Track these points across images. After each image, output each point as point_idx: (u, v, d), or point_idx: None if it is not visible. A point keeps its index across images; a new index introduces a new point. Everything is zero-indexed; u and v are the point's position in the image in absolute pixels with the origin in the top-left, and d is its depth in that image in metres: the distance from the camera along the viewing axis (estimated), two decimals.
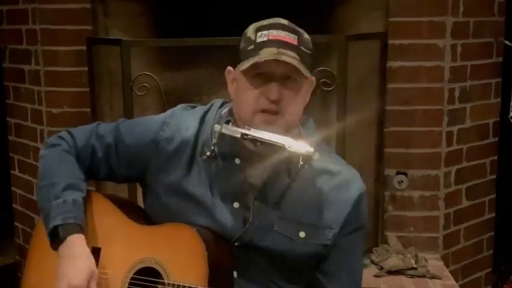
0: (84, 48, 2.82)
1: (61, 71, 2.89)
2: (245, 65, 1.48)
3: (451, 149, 2.83)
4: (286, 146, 1.45)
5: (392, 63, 2.75)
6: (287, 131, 1.51)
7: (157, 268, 1.52)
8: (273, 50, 1.46)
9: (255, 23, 1.55)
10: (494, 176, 3.07)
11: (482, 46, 2.87)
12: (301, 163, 1.51)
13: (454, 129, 2.83)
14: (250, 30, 1.53)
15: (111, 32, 2.92)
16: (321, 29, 2.78)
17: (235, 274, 1.56)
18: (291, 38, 1.49)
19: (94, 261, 1.55)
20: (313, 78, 1.59)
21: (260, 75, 1.49)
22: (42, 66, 2.92)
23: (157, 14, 2.95)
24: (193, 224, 1.55)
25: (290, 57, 1.46)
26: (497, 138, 3.05)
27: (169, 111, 1.69)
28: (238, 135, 1.48)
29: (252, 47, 1.49)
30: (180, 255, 1.50)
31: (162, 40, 2.84)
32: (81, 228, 1.56)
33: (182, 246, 1.51)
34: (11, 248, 3.52)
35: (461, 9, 2.74)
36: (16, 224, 3.34)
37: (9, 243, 3.52)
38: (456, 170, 2.87)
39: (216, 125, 1.54)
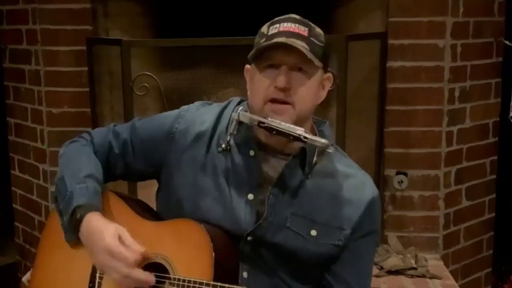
0: (84, 48, 2.82)
1: (61, 71, 2.89)
2: (252, 52, 1.51)
3: (451, 149, 2.83)
4: (302, 137, 1.47)
5: (392, 63, 2.75)
6: (298, 124, 1.51)
7: (164, 263, 1.52)
8: (282, 39, 1.49)
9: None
10: (494, 176, 3.08)
11: (482, 46, 2.88)
12: (316, 158, 1.54)
13: (454, 129, 2.83)
14: (264, 26, 1.57)
15: (111, 32, 2.92)
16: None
17: (244, 271, 1.56)
18: (301, 30, 1.52)
19: (117, 224, 1.51)
20: (330, 75, 1.60)
21: (271, 67, 1.51)
22: (42, 66, 2.92)
23: (157, 14, 2.95)
24: (206, 218, 1.55)
25: (298, 45, 1.48)
26: (497, 138, 3.05)
27: (185, 106, 1.71)
28: (255, 123, 1.50)
29: (264, 39, 1.52)
30: (187, 251, 1.51)
31: (162, 40, 2.84)
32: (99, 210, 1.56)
33: (189, 242, 1.51)
34: (11, 248, 3.52)
35: (461, 9, 2.75)
36: (16, 224, 3.34)
37: (9, 243, 3.52)
38: (456, 170, 2.88)
39: (234, 113, 1.56)
